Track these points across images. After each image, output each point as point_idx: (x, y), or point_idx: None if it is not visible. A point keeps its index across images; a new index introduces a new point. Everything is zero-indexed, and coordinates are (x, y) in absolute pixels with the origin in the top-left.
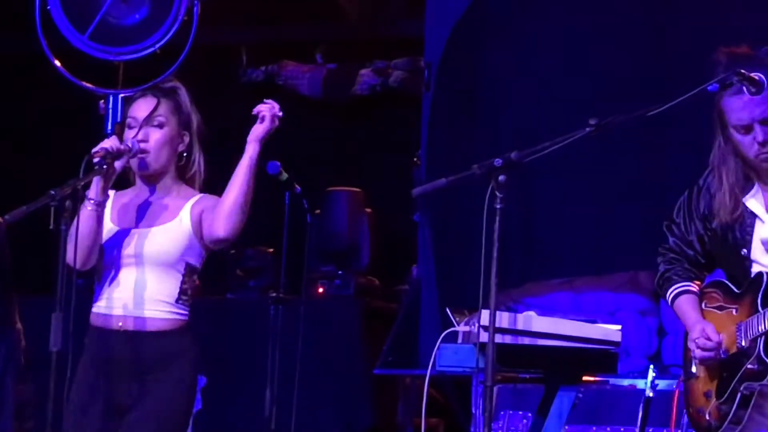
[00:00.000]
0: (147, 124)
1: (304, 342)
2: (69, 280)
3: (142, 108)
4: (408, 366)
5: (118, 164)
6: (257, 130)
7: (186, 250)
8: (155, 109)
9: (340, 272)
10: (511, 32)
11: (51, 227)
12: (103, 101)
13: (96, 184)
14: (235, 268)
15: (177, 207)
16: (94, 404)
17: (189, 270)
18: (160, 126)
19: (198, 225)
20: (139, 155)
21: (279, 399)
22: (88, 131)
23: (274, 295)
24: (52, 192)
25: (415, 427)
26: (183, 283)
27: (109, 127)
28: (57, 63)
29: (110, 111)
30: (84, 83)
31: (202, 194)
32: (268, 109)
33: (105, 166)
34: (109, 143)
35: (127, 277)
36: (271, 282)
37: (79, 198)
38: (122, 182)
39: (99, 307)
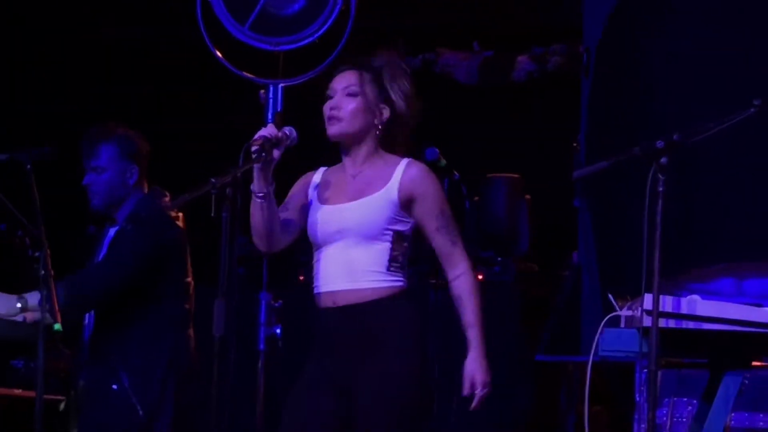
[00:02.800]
0: (342, 94)
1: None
2: (231, 267)
3: (340, 80)
4: (570, 352)
5: (276, 152)
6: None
7: (391, 219)
8: (349, 80)
9: (499, 258)
10: (673, 12)
11: (212, 215)
12: (263, 91)
13: (257, 175)
14: None
15: (383, 177)
16: (320, 385)
17: (397, 237)
18: (354, 95)
19: (405, 203)
20: (330, 122)
21: (439, 384)
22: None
23: (433, 281)
24: (213, 180)
25: (578, 414)
26: (392, 250)
27: (270, 116)
28: (218, 54)
29: (270, 100)
30: (245, 73)
31: (408, 162)
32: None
33: (264, 154)
34: (267, 131)
35: (334, 253)
36: (430, 268)
37: (239, 185)
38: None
39: (316, 287)
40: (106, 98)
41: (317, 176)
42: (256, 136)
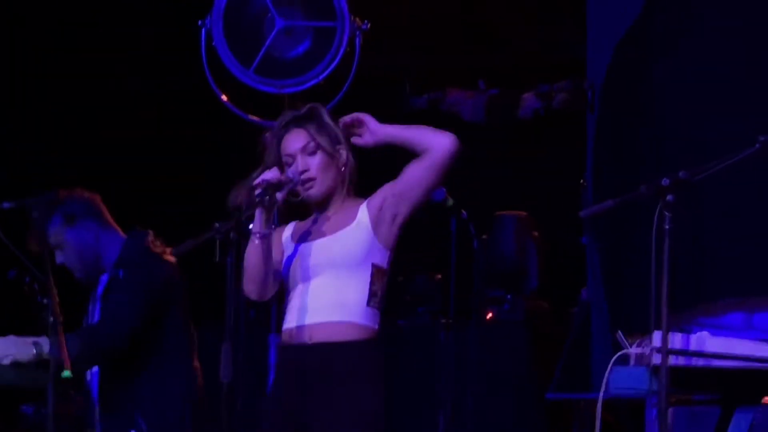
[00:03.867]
0: (303, 155)
1: (476, 367)
2: (238, 311)
3: (292, 142)
4: (580, 390)
5: (279, 195)
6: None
7: (369, 249)
8: (302, 139)
9: (508, 296)
10: (676, 48)
11: (217, 260)
12: (268, 134)
13: (259, 216)
14: (404, 295)
15: (352, 212)
16: (283, 422)
17: (376, 271)
18: (314, 152)
19: (379, 218)
20: (307, 185)
21: (452, 424)
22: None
23: (443, 321)
24: (217, 225)
25: None
26: (372, 284)
27: None
28: (224, 97)
29: None
30: (250, 116)
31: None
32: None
33: (267, 198)
34: (270, 175)
35: (311, 287)
36: (440, 307)
37: (242, 231)
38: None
39: (288, 323)
40: (107, 143)
41: (289, 228)
42: (258, 180)
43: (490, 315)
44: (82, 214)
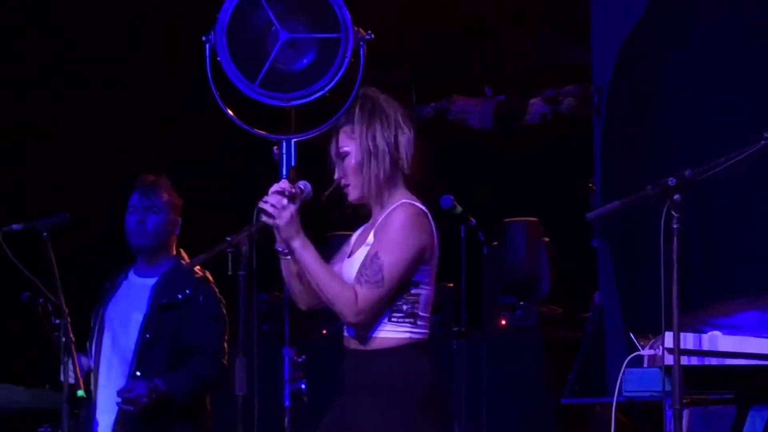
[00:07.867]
0: (337, 162)
1: (489, 375)
2: (251, 324)
3: (331, 149)
4: (595, 394)
5: (292, 209)
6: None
7: None
8: (336, 144)
9: (521, 303)
10: (681, 48)
11: (229, 273)
12: (276, 147)
13: (277, 234)
14: None
15: (373, 225)
16: (329, 420)
17: (397, 287)
18: (343, 156)
19: None
20: (346, 189)
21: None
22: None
23: (455, 329)
24: (229, 239)
25: None
26: (398, 299)
27: (284, 172)
28: (230, 112)
29: (284, 156)
30: (257, 130)
31: (397, 206)
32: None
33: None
34: (281, 186)
35: None
36: (452, 316)
37: (253, 243)
38: None
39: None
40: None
41: (355, 233)
42: (269, 194)
43: (503, 322)
44: (179, 212)
